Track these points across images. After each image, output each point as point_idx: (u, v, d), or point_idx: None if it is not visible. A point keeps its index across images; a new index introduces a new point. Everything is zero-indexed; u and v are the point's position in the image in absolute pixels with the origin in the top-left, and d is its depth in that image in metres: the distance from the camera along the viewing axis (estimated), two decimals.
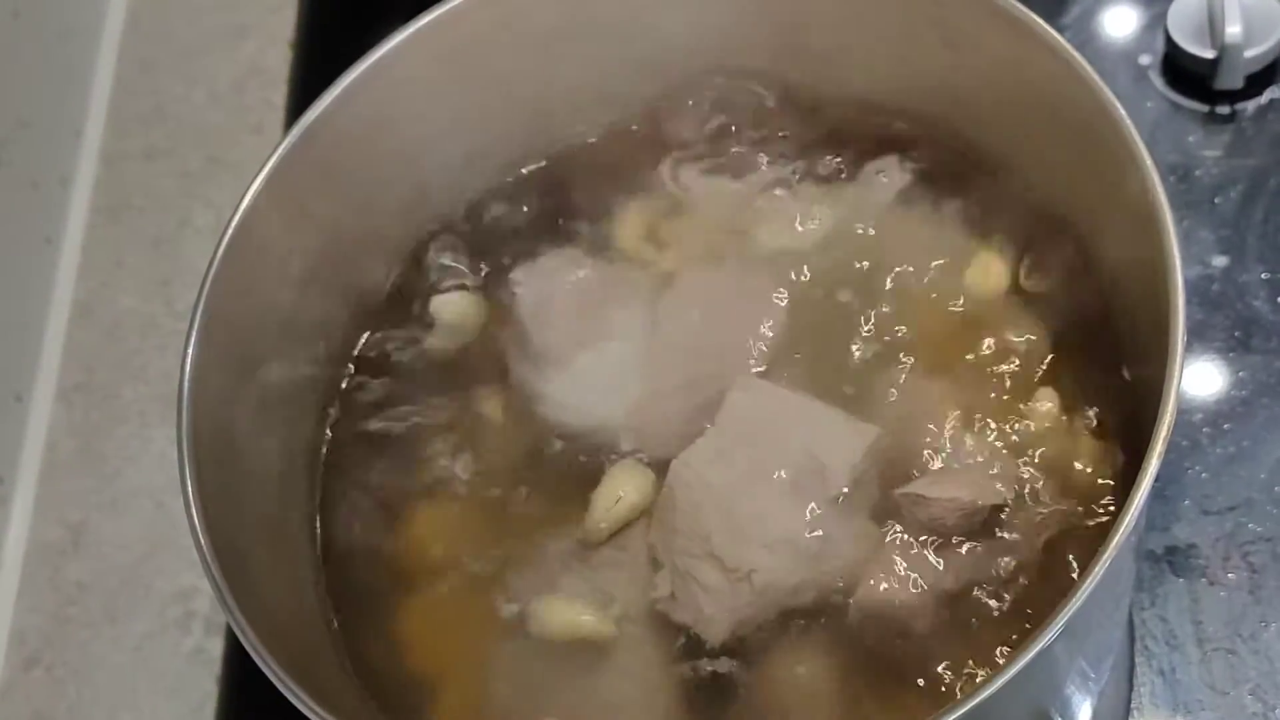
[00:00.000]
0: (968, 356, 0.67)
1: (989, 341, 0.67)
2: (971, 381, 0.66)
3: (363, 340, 0.72)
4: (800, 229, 0.71)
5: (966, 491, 0.62)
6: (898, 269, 0.68)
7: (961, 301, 0.68)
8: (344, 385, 0.71)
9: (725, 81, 0.74)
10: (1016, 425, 0.65)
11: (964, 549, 0.62)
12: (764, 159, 0.73)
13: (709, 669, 0.62)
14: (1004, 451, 0.64)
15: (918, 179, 0.71)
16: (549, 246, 0.73)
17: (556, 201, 0.74)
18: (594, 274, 0.71)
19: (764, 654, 0.62)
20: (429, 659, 0.65)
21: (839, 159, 0.72)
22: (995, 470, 0.63)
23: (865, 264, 0.69)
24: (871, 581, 0.61)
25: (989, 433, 0.64)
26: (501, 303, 0.72)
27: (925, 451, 0.64)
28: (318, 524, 0.69)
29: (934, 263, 0.68)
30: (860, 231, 0.70)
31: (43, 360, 0.94)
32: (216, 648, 0.85)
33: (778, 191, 0.72)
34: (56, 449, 0.92)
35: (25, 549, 0.89)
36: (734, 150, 0.73)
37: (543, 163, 0.75)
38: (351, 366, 0.71)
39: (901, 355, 0.67)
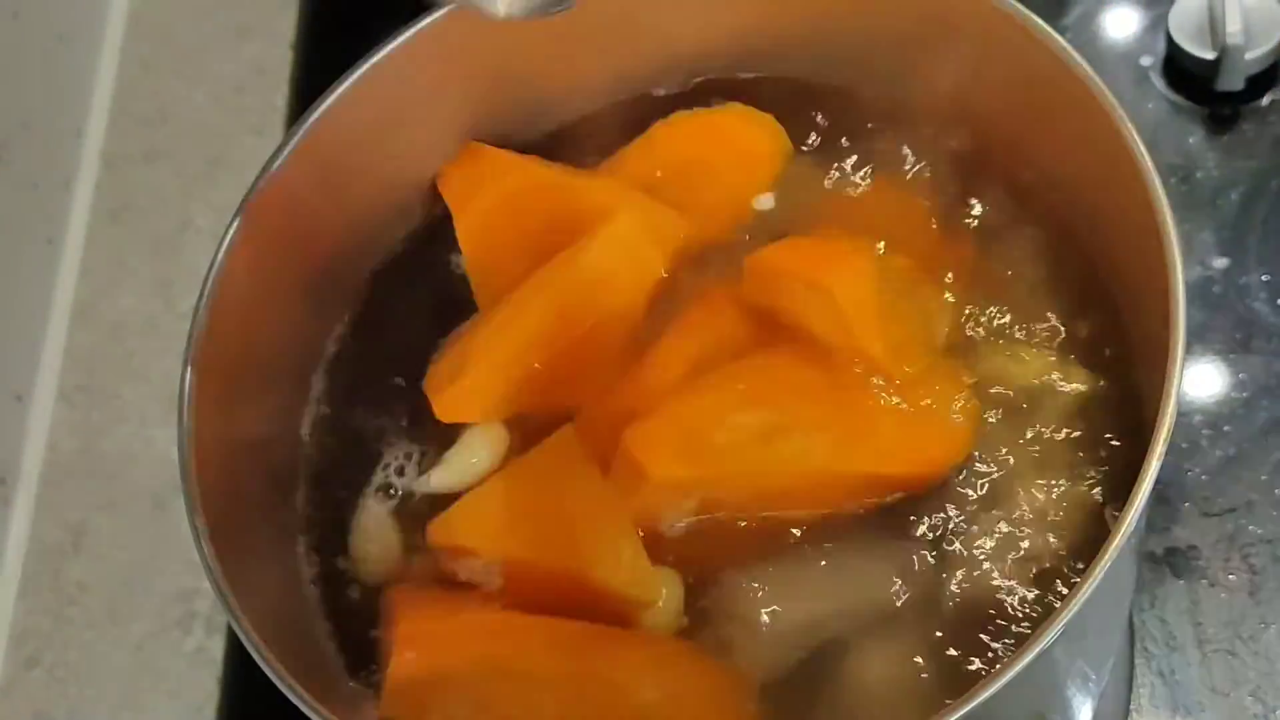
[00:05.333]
0: None
1: None
2: None
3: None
4: None
5: None
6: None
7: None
8: (346, 385, 0.71)
9: (730, 81, 0.74)
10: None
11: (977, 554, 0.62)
12: None
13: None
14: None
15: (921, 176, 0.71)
16: None
17: None
18: None
19: (814, 689, 0.62)
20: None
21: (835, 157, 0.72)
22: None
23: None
24: (889, 597, 0.62)
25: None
26: None
27: None
28: (319, 523, 0.69)
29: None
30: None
31: (44, 361, 0.94)
32: (217, 648, 0.85)
33: None
34: (57, 449, 0.92)
35: (26, 549, 0.89)
36: None
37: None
38: (354, 367, 0.72)
39: None
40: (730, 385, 0.63)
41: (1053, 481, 0.63)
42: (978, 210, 0.69)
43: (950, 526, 0.62)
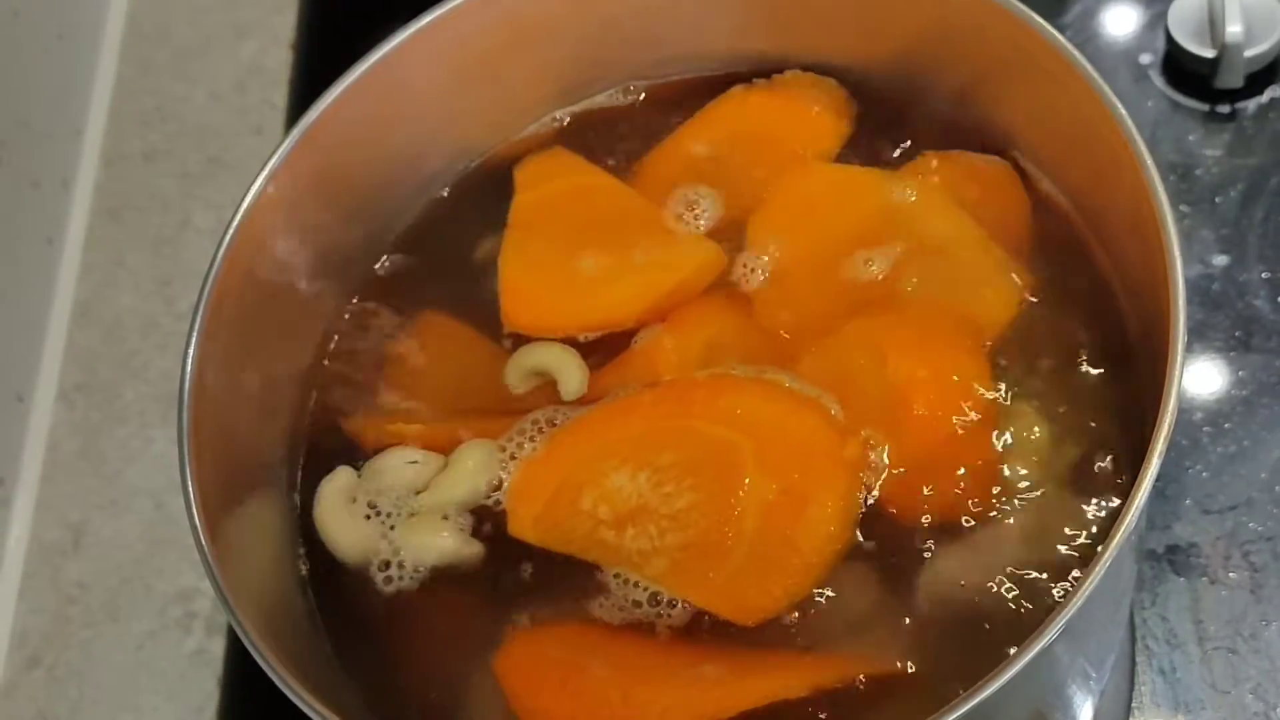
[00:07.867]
0: None
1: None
2: None
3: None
4: None
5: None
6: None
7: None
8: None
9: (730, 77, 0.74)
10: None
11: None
12: None
13: None
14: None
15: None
16: None
17: None
18: None
19: None
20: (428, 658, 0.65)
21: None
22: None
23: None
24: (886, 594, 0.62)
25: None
26: None
27: None
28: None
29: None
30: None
31: (44, 360, 0.95)
32: (217, 648, 0.85)
33: None
34: (57, 449, 0.92)
35: (26, 549, 0.89)
36: None
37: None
38: (354, 365, 0.72)
39: None
40: (625, 442, 0.63)
41: (1054, 477, 0.63)
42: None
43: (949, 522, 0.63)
